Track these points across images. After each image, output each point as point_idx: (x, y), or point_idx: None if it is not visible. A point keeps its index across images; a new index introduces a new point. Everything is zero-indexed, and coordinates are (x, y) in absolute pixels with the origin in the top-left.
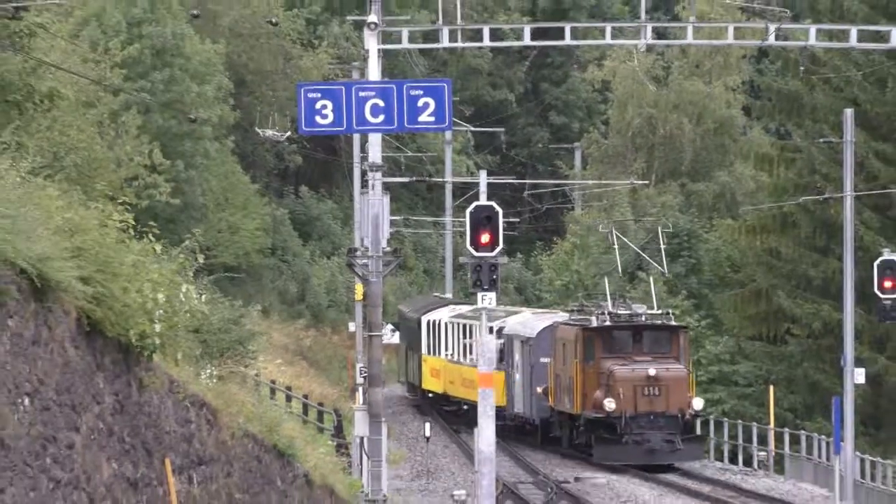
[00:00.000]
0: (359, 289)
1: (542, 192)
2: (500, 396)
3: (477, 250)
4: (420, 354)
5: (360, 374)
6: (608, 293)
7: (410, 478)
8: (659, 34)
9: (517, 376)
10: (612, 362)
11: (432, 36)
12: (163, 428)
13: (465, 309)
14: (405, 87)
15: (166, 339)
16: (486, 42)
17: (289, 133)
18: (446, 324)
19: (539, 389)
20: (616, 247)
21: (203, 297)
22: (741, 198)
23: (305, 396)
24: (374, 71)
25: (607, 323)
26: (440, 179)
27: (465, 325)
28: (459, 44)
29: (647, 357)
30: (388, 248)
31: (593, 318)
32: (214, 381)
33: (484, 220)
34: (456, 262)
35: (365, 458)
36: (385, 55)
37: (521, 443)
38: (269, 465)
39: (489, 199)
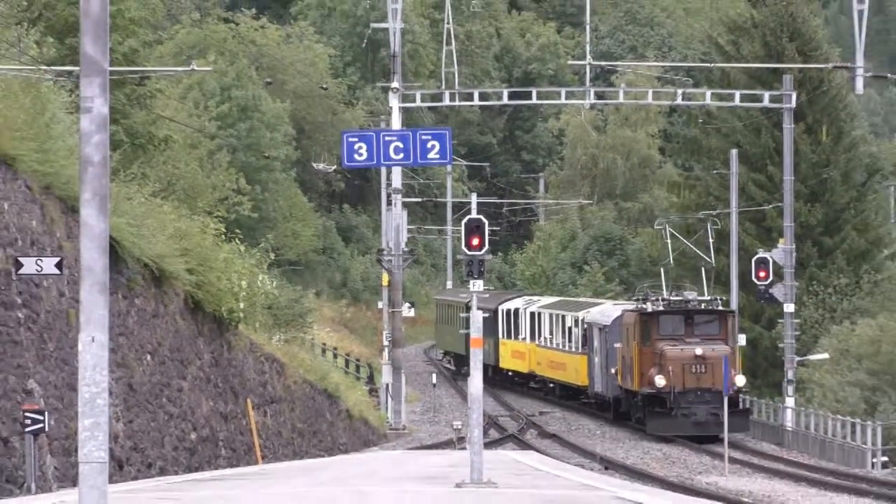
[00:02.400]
0: (385, 278)
1: (516, 208)
2: (584, 377)
3: (469, 250)
4: (497, 339)
5: (386, 338)
6: (664, 283)
7: (422, 412)
8: (599, 96)
9: (596, 360)
10: (664, 343)
11: (438, 97)
12: (245, 377)
13: (543, 301)
14: (418, 133)
15: (248, 314)
16: (476, 101)
17: (335, 166)
18: (532, 313)
19: (612, 370)
20: (668, 241)
21: (274, 283)
22: (658, 213)
23: (347, 354)
24: (396, 122)
25: (661, 309)
26: (443, 199)
27: (557, 315)
28: (457, 103)
29: (696, 339)
30: (405, 249)
31: (649, 305)
32: (282, 343)
33: (474, 228)
34: (454, 259)
35: (389, 398)
36: (404, 111)
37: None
38: (321, 404)
39: (478, 213)
